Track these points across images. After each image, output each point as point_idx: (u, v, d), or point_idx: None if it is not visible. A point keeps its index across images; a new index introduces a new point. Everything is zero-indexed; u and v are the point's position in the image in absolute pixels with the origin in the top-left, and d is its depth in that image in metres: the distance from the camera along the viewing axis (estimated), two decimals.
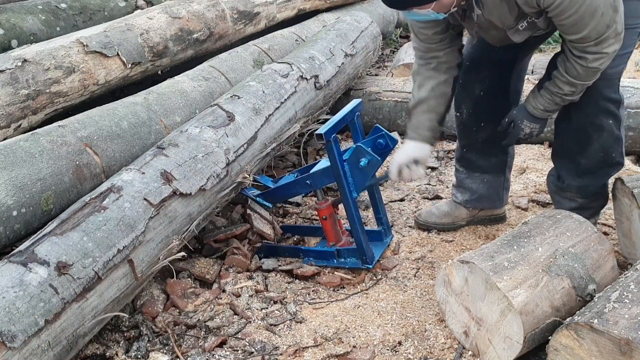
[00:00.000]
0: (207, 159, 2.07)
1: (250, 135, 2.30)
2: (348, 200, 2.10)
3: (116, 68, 2.68)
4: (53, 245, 1.58)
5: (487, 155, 2.32)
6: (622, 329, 1.37)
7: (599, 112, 2.01)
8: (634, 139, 2.84)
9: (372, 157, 2.04)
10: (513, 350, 1.63)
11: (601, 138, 2.03)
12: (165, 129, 2.38)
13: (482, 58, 2.17)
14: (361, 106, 2.29)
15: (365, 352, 1.78)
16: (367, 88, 3.44)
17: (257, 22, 3.58)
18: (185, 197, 1.94)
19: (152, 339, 1.85)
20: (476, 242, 2.34)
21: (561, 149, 2.16)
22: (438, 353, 1.78)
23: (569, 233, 1.82)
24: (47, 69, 2.38)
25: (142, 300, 1.98)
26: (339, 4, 4.39)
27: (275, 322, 1.94)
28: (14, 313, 1.39)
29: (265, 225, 2.39)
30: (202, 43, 3.16)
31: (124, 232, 1.72)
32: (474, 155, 2.34)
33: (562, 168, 2.16)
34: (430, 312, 1.94)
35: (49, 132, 2.06)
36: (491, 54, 2.13)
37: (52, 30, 2.96)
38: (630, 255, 2.07)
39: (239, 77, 2.86)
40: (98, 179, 2.07)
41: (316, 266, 2.21)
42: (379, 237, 2.32)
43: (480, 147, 2.31)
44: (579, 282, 1.71)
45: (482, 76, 2.20)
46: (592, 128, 2.03)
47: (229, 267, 2.20)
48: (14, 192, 1.81)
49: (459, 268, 1.74)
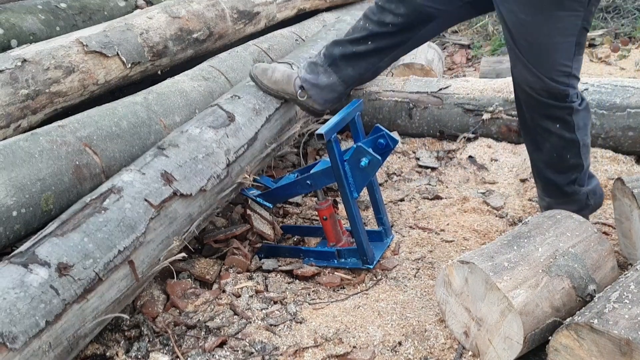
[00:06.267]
0: (207, 160, 2.07)
1: (251, 135, 2.30)
2: (348, 200, 2.10)
3: (116, 68, 2.67)
4: (54, 246, 1.58)
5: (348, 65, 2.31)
6: (622, 329, 1.37)
7: (541, 117, 2.04)
8: (634, 139, 2.85)
9: (372, 157, 2.04)
10: (513, 350, 1.63)
11: (550, 140, 2.06)
12: (165, 129, 2.38)
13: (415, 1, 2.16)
14: (361, 106, 2.29)
15: (365, 353, 1.78)
16: (367, 88, 3.44)
17: (257, 21, 3.58)
18: (186, 198, 1.94)
19: (152, 339, 1.85)
20: (476, 242, 2.34)
21: (525, 141, 2.21)
22: (438, 353, 1.78)
23: (569, 233, 1.83)
24: (47, 69, 2.38)
25: (143, 300, 1.98)
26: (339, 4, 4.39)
27: (276, 322, 1.94)
28: (15, 314, 1.39)
29: (265, 226, 2.39)
30: (202, 43, 3.16)
31: (124, 233, 1.72)
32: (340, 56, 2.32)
33: (530, 158, 2.22)
34: (430, 313, 1.95)
35: (49, 132, 2.06)
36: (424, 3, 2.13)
37: (52, 30, 2.96)
38: (631, 255, 2.07)
39: (239, 77, 2.86)
40: (98, 179, 2.06)
41: (316, 266, 2.22)
42: (379, 237, 2.32)
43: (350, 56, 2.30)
44: (579, 282, 1.71)
45: (400, 11, 2.17)
46: (539, 130, 2.07)
47: (229, 268, 2.20)
48: (13, 192, 1.81)
49: (459, 268, 1.74)
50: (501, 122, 3.11)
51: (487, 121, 3.12)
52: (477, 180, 2.84)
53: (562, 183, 2.14)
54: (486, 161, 2.98)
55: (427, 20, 2.16)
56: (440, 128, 3.23)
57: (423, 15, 2.14)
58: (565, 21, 1.88)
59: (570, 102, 2.00)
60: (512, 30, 1.95)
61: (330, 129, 2.04)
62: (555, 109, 2.00)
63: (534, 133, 2.10)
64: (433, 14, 2.14)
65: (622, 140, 2.87)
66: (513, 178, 2.83)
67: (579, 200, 2.16)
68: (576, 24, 1.89)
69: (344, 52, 2.30)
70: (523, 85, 2.02)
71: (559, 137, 2.04)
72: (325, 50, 2.36)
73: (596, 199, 2.21)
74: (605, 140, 2.90)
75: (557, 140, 2.05)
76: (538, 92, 1.98)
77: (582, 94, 2.08)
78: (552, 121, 2.03)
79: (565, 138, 2.04)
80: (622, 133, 2.85)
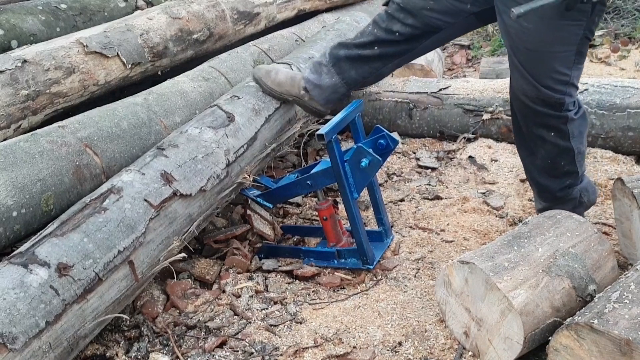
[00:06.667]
0: (207, 160, 2.07)
1: (250, 135, 2.30)
2: (349, 200, 2.10)
3: (116, 68, 2.67)
4: (53, 247, 1.58)
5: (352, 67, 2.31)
6: (622, 330, 1.37)
7: (536, 125, 2.05)
8: (634, 139, 2.85)
9: (373, 158, 2.04)
10: (513, 350, 1.63)
11: (544, 147, 2.08)
12: (165, 130, 2.38)
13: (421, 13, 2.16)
14: (362, 106, 2.29)
15: (365, 353, 1.78)
16: (367, 88, 3.44)
17: (257, 22, 3.58)
18: (186, 198, 1.94)
19: (152, 340, 1.85)
20: (476, 242, 2.34)
21: (518, 147, 2.23)
22: (438, 353, 1.78)
23: (569, 233, 1.83)
24: (47, 70, 2.38)
25: (142, 300, 1.98)
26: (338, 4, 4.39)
27: (276, 322, 1.94)
28: (15, 315, 1.39)
29: (265, 226, 2.39)
30: (202, 43, 3.16)
31: (124, 234, 1.72)
32: (345, 57, 2.31)
33: (523, 163, 2.23)
34: (431, 313, 1.95)
35: (49, 132, 2.06)
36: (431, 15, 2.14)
37: (52, 30, 2.96)
38: (631, 255, 2.07)
39: (239, 78, 2.86)
40: (98, 180, 2.07)
41: (316, 267, 2.22)
42: (379, 237, 2.32)
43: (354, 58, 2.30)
44: (579, 282, 1.71)
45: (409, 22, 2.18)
46: (533, 137, 2.08)
47: (229, 268, 2.20)
48: (14, 192, 1.81)
49: (459, 268, 1.74)
50: (501, 122, 3.11)
51: (487, 121, 3.12)
52: (477, 180, 2.84)
53: (556, 188, 2.15)
54: (486, 161, 2.98)
55: (434, 31, 2.18)
56: (440, 128, 3.24)
57: (430, 26, 2.16)
58: (566, 30, 1.89)
59: (566, 111, 2.00)
60: (513, 39, 1.97)
61: (331, 129, 2.04)
62: (550, 117, 2.01)
63: (528, 140, 2.12)
64: (440, 26, 2.16)
65: (622, 141, 2.87)
66: (513, 178, 2.83)
67: (573, 199, 2.17)
68: (577, 34, 1.90)
69: (348, 54, 2.30)
70: (518, 93, 2.04)
71: (553, 144, 2.05)
72: (330, 50, 2.37)
73: (589, 195, 2.22)
74: (605, 141, 2.90)
75: (552, 147, 2.06)
76: (533, 100, 1.99)
77: (579, 101, 2.09)
78: (546, 129, 2.04)
79: (559, 146, 2.05)
80: (622, 133, 2.85)
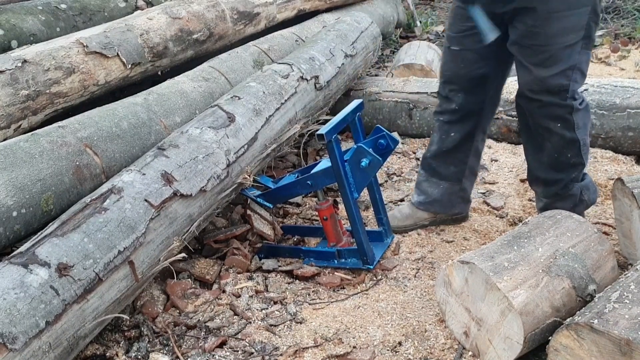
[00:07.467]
0: (207, 160, 2.07)
1: (251, 136, 2.30)
2: (349, 200, 2.10)
3: (116, 69, 2.68)
4: (54, 247, 1.58)
5: (447, 164, 2.35)
6: (622, 330, 1.37)
7: (543, 117, 2.06)
8: (634, 139, 2.85)
9: (373, 158, 2.05)
10: (513, 350, 1.63)
11: (551, 140, 2.09)
12: (165, 130, 2.38)
13: (461, 73, 2.21)
14: (362, 107, 2.29)
15: (365, 353, 1.78)
16: (367, 88, 3.44)
17: (257, 22, 3.58)
18: (186, 198, 1.94)
19: (152, 340, 1.85)
20: (476, 242, 2.34)
21: (525, 144, 2.24)
22: (438, 353, 1.78)
23: (569, 233, 1.83)
24: (47, 70, 2.38)
25: (142, 300, 1.98)
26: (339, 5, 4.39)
27: (276, 322, 1.94)
28: (15, 315, 1.39)
29: (265, 226, 2.39)
30: (202, 43, 3.16)
31: (124, 234, 1.72)
32: (434, 161, 2.37)
33: (529, 161, 2.24)
34: (431, 313, 1.95)
35: (49, 132, 2.06)
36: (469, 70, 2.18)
37: (52, 30, 2.96)
38: (631, 255, 2.07)
39: (239, 78, 2.86)
40: (98, 180, 2.07)
41: (316, 267, 2.22)
42: (379, 237, 2.32)
43: (443, 156, 2.34)
44: (579, 282, 1.71)
45: (460, 88, 2.22)
46: (540, 130, 2.10)
47: (229, 268, 2.20)
48: (14, 192, 1.82)
49: (459, 268, 1.74)
50: (501, 122, 3.11)
51: None
52: (477, 180, 2.84)
53: (563, 182, 2.15)
54: (486, 161, 2.98)
55: (484, 82, 2.19)
56: None
57: (476, 80, 2.18)
58: (571, 19, 1.93)
59: (571, 99, 2.02)
60: (521, 42, 2.00)
61: (331, 129, 2.04)
62: (555, 107, 2.02)
63: (535, 135, 2.13)
64: (484, 73, 2.17)
65: (622, 141, 2.87)
66: (513, 178, 2.83)
67: (573, 196, 2.18)
68: (582, 20, 1.94)
69: (435, 154, 2.34)
70: (524, 89, 2.06)
71: (559, 136, 2.07)
72: (420, 166, 2.44)
73: (590, 194, 2.22)
74: (605, 141, 2.90)
75: (558, 139, 2.07)
76: (537, 93, 2.01)
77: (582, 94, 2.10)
78: (552, 120, 2.05)
79: (565, 137, 2.07)
80: (622, 133, 2.85)
